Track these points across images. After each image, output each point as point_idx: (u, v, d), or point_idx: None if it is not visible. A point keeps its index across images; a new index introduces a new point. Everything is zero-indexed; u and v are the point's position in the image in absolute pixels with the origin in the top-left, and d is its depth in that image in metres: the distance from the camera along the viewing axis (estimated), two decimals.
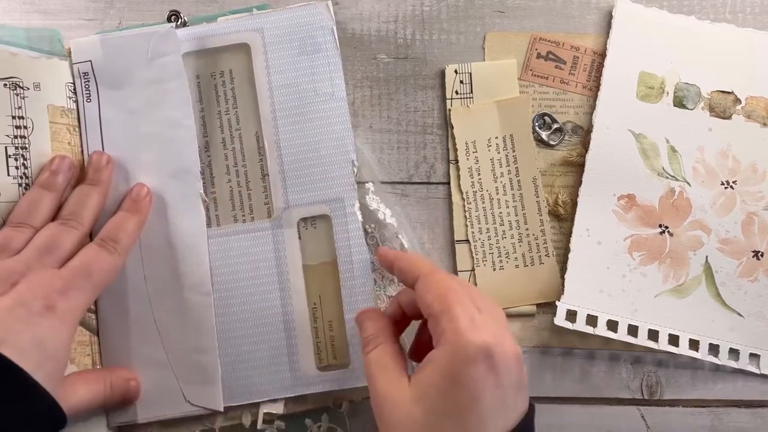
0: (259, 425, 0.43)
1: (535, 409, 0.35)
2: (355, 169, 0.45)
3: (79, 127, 0.44)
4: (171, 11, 0.46)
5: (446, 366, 0.32)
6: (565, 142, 0.47)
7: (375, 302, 0.44)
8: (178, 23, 0.45)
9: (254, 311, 0.44)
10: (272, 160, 0.45)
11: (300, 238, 0.44)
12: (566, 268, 0.45)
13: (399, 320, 0.40)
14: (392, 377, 0.35)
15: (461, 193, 0.46)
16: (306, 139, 0.45)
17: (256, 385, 0.43)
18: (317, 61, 0.45)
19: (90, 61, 0.44)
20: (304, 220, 0.45)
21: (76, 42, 0.45)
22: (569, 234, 0.45)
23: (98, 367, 0.43)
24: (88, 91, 0.44)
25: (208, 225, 0.44)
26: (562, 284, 0.45)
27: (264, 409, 0.43)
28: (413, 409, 0.33)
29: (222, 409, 0.43)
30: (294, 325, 0.44)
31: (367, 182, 0.46)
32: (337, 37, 0.45)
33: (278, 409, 0.43)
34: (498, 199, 0.46)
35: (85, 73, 0.44)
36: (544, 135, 0.47)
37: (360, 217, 0.44)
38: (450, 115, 0.47)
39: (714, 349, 0.45)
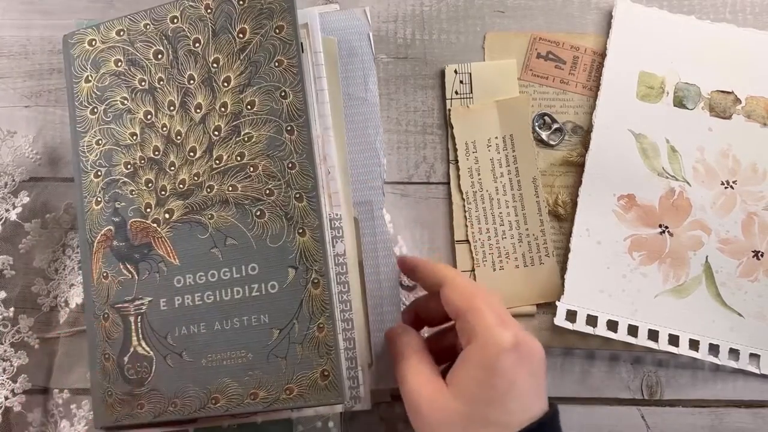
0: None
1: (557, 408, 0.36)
2: (384, 174, 0.44)
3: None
4: None
5: (481, 359, 0.34)
6: (565, 142, 0.47)
7: (400, 304, 0.43)
8: None
9: None
10: None
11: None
12: (566, 268, 0.45)
13: (414, 326, 0.41)
14: (428, 380, 0.36)
15: (461, 193, 0.46)
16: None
17: None
18: (351, 65, 0.45)
19: None
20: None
21: None
22: (569, 234, 0.45)
23: None
24: None
25: None
26: (562, 284, 0.45)
27: None
28: (454, 404, 0.34)
29: None
30: None
31: None
32: (372, 43, 0.45)
33: None
34: (498, 199, 0.46)
35: None
36: (544, 135, 0.47)
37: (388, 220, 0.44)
38: (450, 115, 0.47)
39: (714, 349, 0.45)
